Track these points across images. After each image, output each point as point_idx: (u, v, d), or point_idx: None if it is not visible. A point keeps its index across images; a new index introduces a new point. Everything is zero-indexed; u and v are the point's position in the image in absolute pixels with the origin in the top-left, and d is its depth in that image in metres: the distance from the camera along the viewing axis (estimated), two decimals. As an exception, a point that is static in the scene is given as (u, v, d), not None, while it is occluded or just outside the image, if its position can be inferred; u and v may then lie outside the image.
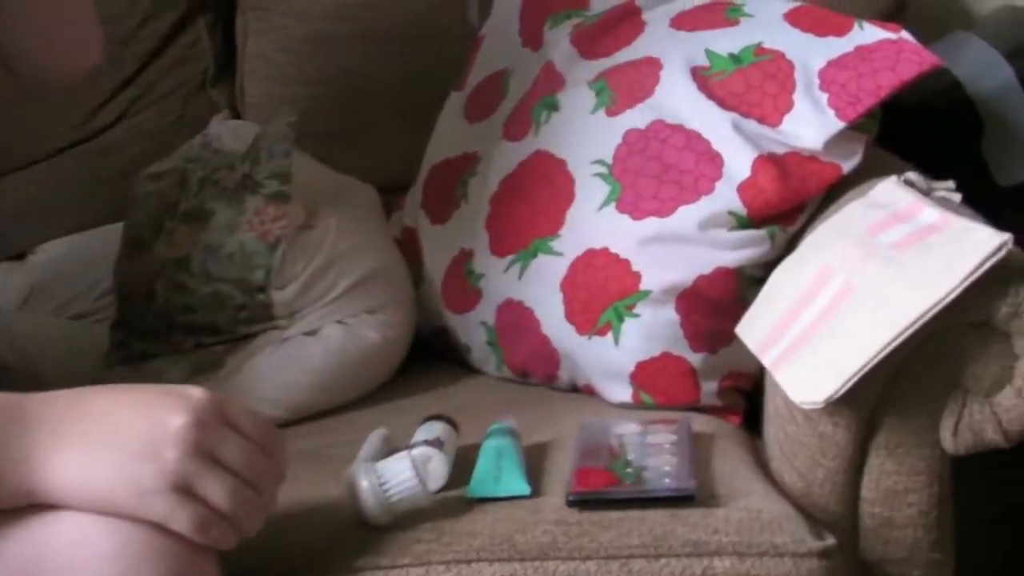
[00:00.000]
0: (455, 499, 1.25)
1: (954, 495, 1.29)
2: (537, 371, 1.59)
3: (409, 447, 1.29)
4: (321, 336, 1.61)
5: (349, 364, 1.60)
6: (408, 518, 1.21)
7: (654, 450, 1.29)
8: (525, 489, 1.24)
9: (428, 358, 1.76)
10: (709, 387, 1.48)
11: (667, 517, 1.18)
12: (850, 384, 1.18)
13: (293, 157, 1.65)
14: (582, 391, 1.57)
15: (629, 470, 1.25)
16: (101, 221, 1.92)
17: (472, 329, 1.64)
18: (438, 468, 1.27)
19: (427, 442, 1.30)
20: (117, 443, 0.95)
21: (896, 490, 1.27)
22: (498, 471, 1.26)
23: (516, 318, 1.57)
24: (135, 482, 0.94)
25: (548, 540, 1.18)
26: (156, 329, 1.64)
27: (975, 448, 1.25)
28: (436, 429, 1.34)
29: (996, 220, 1.26)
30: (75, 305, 1.85)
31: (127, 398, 0.99)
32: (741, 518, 1.18)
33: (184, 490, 0.95)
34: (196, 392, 0.98)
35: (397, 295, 1.66)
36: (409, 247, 1.75)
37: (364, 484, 1.20)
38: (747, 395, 1.51)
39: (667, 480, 1.21)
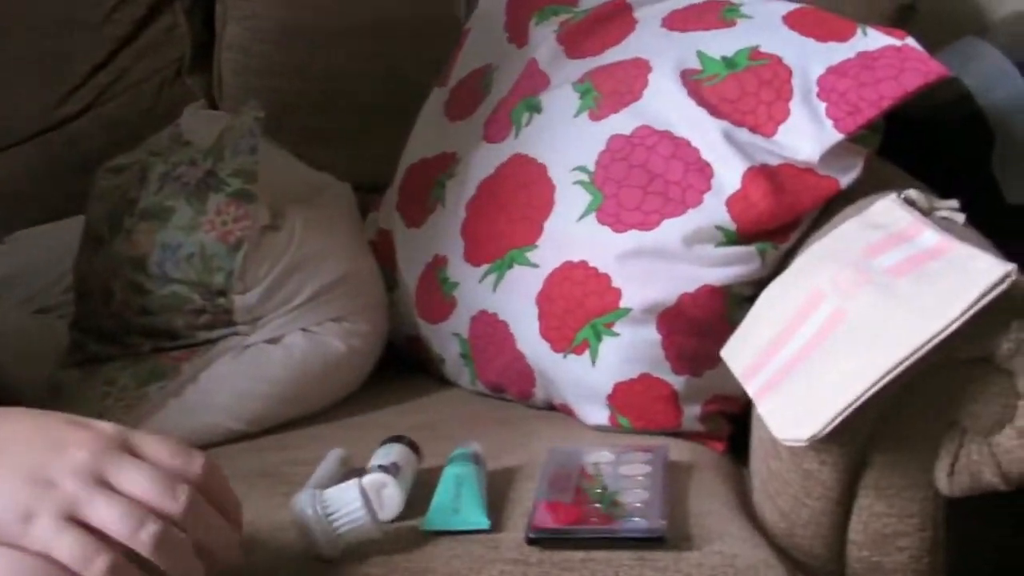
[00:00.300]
0: (410, 531, 1.17)
1: (948, 540, 1.20)
2: (511, 388, 1.50)
3: (362, 472, 1.20)
4: (284, 344, 1.52)
5: (312, 375, 1.51)
6: (358, 550, 1.12)
7: (626, 482, 1.20)
8: (484, 523, 1.16)
9: (401, 368, 1.68)
10: (691, 411, 1.39)
11: (635, 560, 1.09)
12: (837, 422, 1.10)
13: (260, 153, 1.56)
14: (559, 410, 1.48)
15: (597, 505, 1.16)
16: (69, 212, 1.84)
17: (445, 340, 1.56)
18: (392, 497, 1.19)
19: (382, 467, 1.21)
20: (11, 468, 0.89)
21: (886, 533, 1.19)
22: (457, 502, 1.18)
23: (490, 331, 1.48)
24: (22, 508, 0.88)
25: (505, 582, 1.09)
26: (113, 331, 1.56)
27: (972, 491, 1.16)
28: (394, 453, 1.25)
29: (1004, 241, 1.22)
30: (42, 298, 1.79)
31: (32, 423, 0.94)
32: (715, 564, 1.09)
33: (69, 517, 0.89)
34: (103, 425, 0.94)
35: (366, 302, 1.57)
36: (383, 251, 1.66)
37: (309, 514, 1.11)
38: (735, 419, 1.41)
39: (637, 519, 1.13)
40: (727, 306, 1.37)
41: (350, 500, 1.12)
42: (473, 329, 1.51)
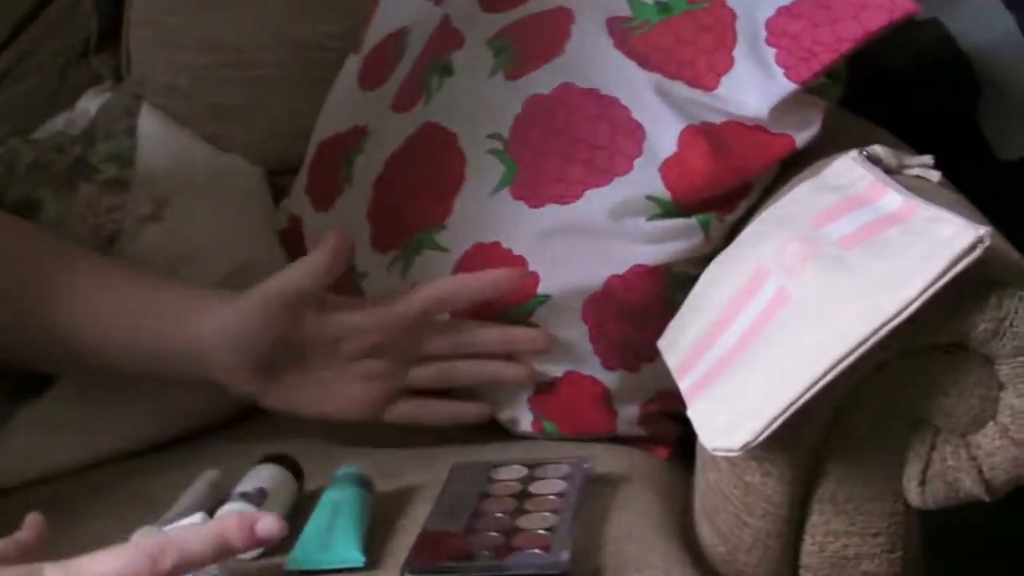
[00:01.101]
0: (273, 570, 0.97)
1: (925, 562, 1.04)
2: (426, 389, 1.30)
3: (218, 503, 1.02)
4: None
5: (202, 385, 1.31)
6: (205, 599, 0.92)
7: (533, 503, 1.02)
8: (358, 560, 0.98)
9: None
10: (628, 413, 1.21)
11: (530, 602, 0.89)
12: (775, 427, 0.92)
13: (146, 136, 1.36)
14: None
15: (493, 533, 0.96)
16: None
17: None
18: (253, 531, 0.98)
19: (244, 495, 1.02)
20: None
21: (846, 556, 1.01)
22: (330, 534, 1.00)
23: (401, 327, 1.28)
24: None
25: (375, 632, 0.90)
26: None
27: (948, 501, 0.99)
28: (264, 476, 1.06)
29: (992, 202, 1.09)
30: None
31: None
32: (628, 604, 0.89)
33: None
34: None
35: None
36: (293, 240, 1.48)
37: (142, 557, 0.91)
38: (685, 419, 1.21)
39: (535, 551, 0.93)
40: (666, 288, 1.19)
41: (191, 540, 0.92)
42: (383, 324, 1.31)
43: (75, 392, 1.30)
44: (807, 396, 0.91)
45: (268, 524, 0.83)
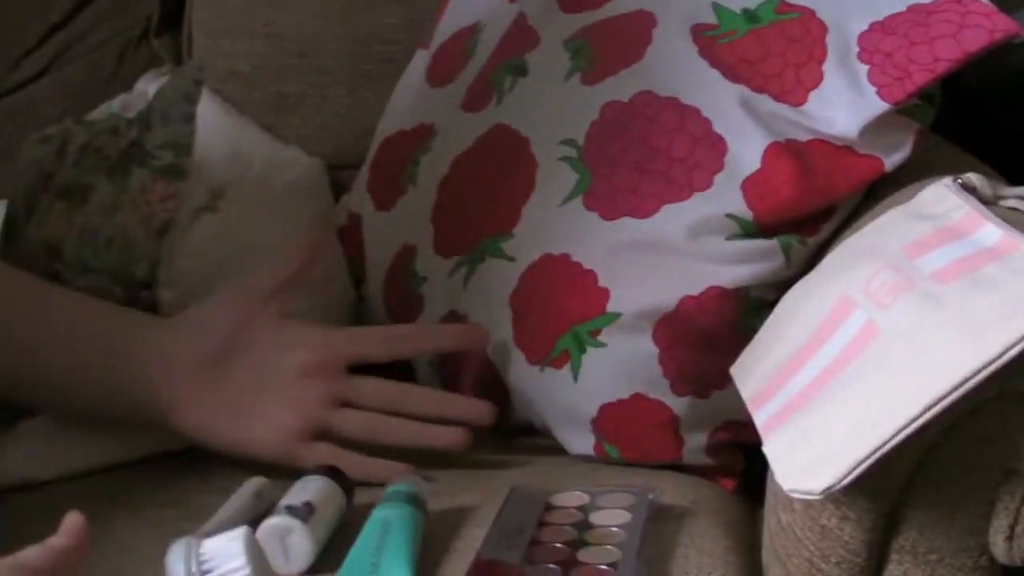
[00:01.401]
0: (317, 591, 0.92)
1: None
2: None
3: (263, 514, 0.96)
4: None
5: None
6: (244, 618, 0.87)
7: (595, 536, 0.96)
8: (407, 586, 0.90)
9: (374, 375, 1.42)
10: (695, 441, 1.15)
11: (590, 645, 0.84)
12: (860, 471, 0.86)
13: (204, 124, 1.31)
14: (541, 433, 1.22)
15: (551, 566, 0.90)
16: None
17: (414, 347, 1.30)
18: (298, 548, 0.94)
19: (290, 509, 0.96)
20: None
21: (926, 610, 0.93)
22: (378, 556, 0.94)
23: (460, 337, 1.23)
24: None
25: (422, 668, 0.84)
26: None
27: None
28: (311, 489, 1.00)
29: None
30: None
31: None
32: (694, 653, 0.83)
33: None
34: None
35: (319, 299, 1.32)
36: (352, 238, 1.43)
37: (180, 571, 0.86)
38: (753, 450, 1.15)
39: (597, 589, 0.86)
40: (741, 313, 1.13)
41: (233, 555, 0.88)
42: (442, 334, 1.26)
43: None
44: (898, 439, 0.85)
45: None
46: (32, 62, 1.77)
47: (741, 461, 1.19)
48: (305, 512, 0.97)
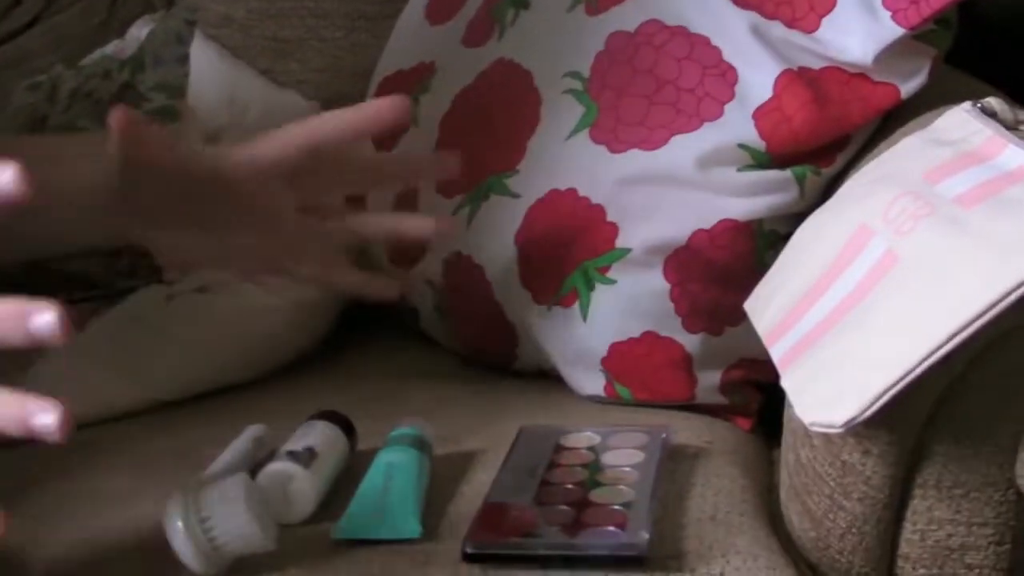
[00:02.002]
0: (320, 538, 0.88)
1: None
2: (492, 347, 1.22)
3: (263, 462, 0.93)
4: (216, 294, 1.24)
5: (249, 332, 1.23)
6: (246, 563, 0.85)
7: (607, 476, 0.92)
8: (414, 530, 0.89)
9: (379, 324, 1.40)
10: (709, 379, 1.11)
11: (605, 586, 0.80)
12: (883, 402, 0.82)
13: (200, 66, 1.27)
14: (550, 376, 1.19)
15: (562, 507, 0.87)
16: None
17: (418, 289, 1.28)
18: (301, 493, 0.92)
19: (291, 454, 0.93)
20: None
21: (950, 547, 0.91)
22: (383, 501, 0.90)
23: (465, 278, 1.20)
24: None
25: (430, 613, 0.81)
26: (21, 280, 1.27)
27: None
28: (314, 434, 0.97)
29: None
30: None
31: None
32: (712, 593, 0.80)
33: None
34: None
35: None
36: (352, 181, 1.37)
37: (178, 523, 0.83)
38: (769, 388, 1.12)
39: (611, 529, 0.84)
40: (755, 246, 1.10)
41: (232, 502, 0.84)
42: (446, 275, 1.24)
43: (113, 333, 1.21)
44: (923, 367, 0.81)
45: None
46: (22, 11, 1.73)
47: (758, 400, 1.15)
48: (307, 457, 0.94)
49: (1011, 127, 0.99)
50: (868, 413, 0.83)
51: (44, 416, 0.65)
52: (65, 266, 1.27)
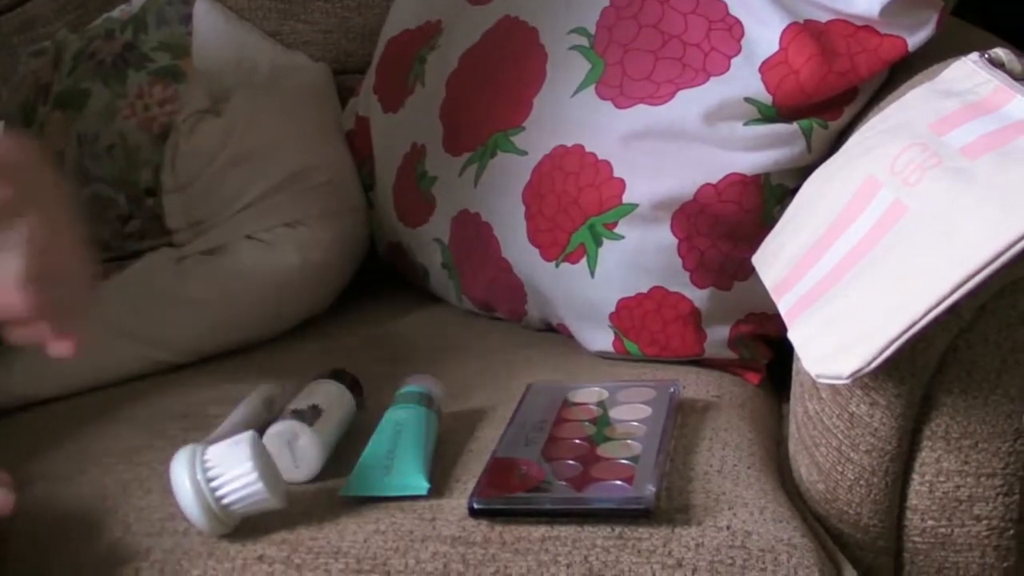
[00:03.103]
0: (328, 495, 0.88)
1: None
2: (500, 305, 1.22)
3: (271, 420, 0.93)
4: (226, 255, 1.23)
5: (259, 292, 1.24)
6: (253, 522, 0.85)
7: (615, 431, 0.92)
8: (421, 487, 0.89)
9: (388, 283, 1.39)
10: (718, 334, 1.11)
11: (611, 539, 0.82)
12: (889, 352, 0.82)
13: (205, 27, 1.27)
14: (558, 331, 1.18)
15: (569, 462, 0.87)
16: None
17: (426, 247, 1.28)
18: (307, 451, 0.92)
19: (296, 413, 0.93)
20: None
21: (958, 498, 0.91)
22: (390, 458, 0.90)
23: (473, 235, 1.20)
24: None
25: (437, 567, 0.81)
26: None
27: None
28: (320, 392, 0.97)
29: None
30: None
31: None
32: (718, 544, 0.81)
33: None
34: None
35: (328, 204, 1.30)
36: (361, 142, 1.39)
37: (184, 481, 0.83)
38: (778, 343, 1.11)
39: (618, 483, 0.83)
40: (762, 200, 1.09)
41: (239, 460, 0.84)
42: (454, 233, 1.23)
43: (123, 295, 1.21)
44: (929, 318, 0.80)
45: None
46: (24, -24, 1.71)
47: (767, 354, 1.15)
48: (311, 416, 0.94)
49: (1018, 78, 0.98)
50: (875, 364, 0.82)
51: None
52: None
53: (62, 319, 0.85)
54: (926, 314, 0.81)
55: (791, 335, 0.90)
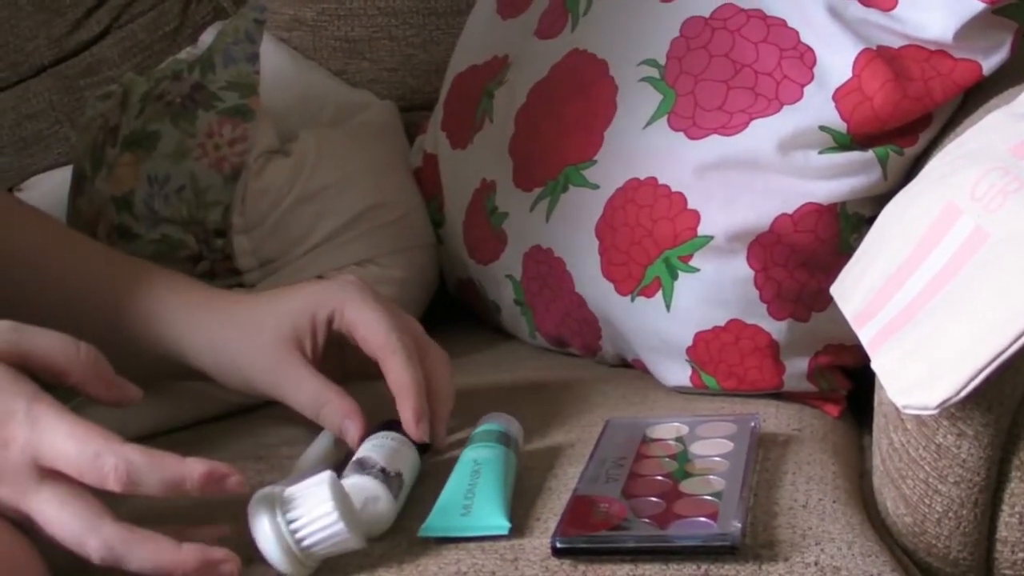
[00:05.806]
0: (406, 535, 0.88)
1: None
2: (575, 340, 1.20)
3: (341, 466, 0.92)
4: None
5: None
6: (332, 564, 0.84)
7: (696, 466, 0.90)
8: (502, 527, 0.87)
9: (458, 319, 1.39)
10: (796, 366, 1.09)
11: (698, 577, 0.79)
12: (977, 382, 0.79)
13: (278, 67, 1.27)
14: (634, 367, 1.17)
15: (652, 499, 0.85)
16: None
17: (498, 284, 1.27)
18: (383, 516, 0.90)
19: (385, 474, 0.92)
20: None
21: (1050, 529, 0.87)
22: (470, 497, 0.88)
23: (545, 271, 1.19)
24: None
25: (522, 609, 0.80)
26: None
27: None
28: (408, 463, 0.96)
29: None
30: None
31: None
32: (808, 581, 0.78)
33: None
34: None
35: (397, 241, 1.29)
36: (429, 179, 1.38)
37: (264, 523, 0.83)
38: (858, 374, 1.10)
39: (703, 519, 0.82)
40: (839, 230, 1.07)
41: (319, 501, 0.84)
42: (526, 269, 1.22)
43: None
44: (1017, 346, 0.78)
45: (233, 484, 0.81)
46: (94, 22, 1.73)
47: (846, 385, 1.13)
48: (396, 485, 0.92)
49: (1099, 99, 0.96)
50: (963, 393, 0.80)
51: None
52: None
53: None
54: (1015, 341, 0.79)
55: (874, 365, 0.89)
